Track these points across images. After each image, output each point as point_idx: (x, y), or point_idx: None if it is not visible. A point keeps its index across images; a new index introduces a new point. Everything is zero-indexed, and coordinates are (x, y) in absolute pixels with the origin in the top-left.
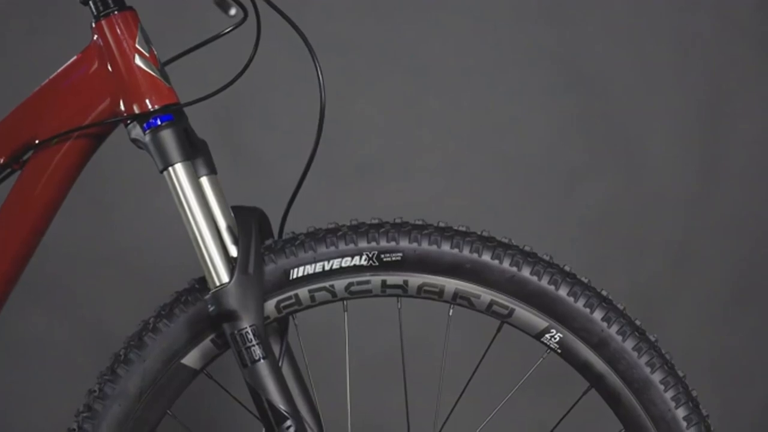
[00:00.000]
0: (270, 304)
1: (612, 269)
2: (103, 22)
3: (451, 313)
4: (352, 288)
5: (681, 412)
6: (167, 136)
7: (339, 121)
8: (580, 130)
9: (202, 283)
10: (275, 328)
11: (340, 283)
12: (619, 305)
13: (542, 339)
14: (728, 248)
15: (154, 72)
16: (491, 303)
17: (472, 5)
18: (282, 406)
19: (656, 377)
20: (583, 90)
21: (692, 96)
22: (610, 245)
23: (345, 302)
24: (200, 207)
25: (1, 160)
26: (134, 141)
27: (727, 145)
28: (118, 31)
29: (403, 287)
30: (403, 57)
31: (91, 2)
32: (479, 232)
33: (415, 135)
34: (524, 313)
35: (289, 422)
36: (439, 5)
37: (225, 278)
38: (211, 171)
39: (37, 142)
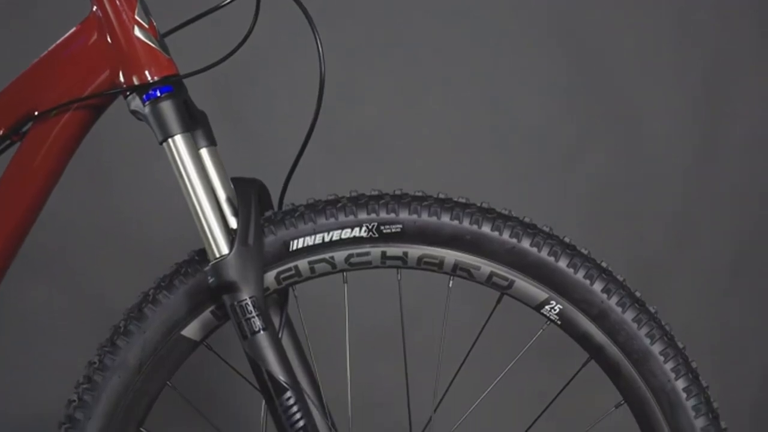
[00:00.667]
0: (270, 276)
1: (612, 241)
2: None
3: (450, 285)
4: (352, 259)
5: (681, 384)
6: (167, 107)
7: (339, 92)
8: (579, 103)
9: (201, 254)
10: (275, 300)
11: (339, 255)
12: (618, 277)
13: (542, 310)
14: (728, 220)
15: (153, 43)
16: (491, 274)
17: None
18: (282, 378)
19: (656, 348)
20: (583, 63)
21: (691, 69)
22: (610, 217)
23: (345, 274)
24: (200, 178)
25: (0, 132)
26: (134, 112)
27: (726, 119)
28: (118, 2)
29: (403, 259)
30: (403, 30)
31: None
32: (479, 204)
33: (415, 107)
34: (524, 285)
35: (288, 393)
36: None
37: (225, 250)
38: (211, 143)
39: (36, 113)
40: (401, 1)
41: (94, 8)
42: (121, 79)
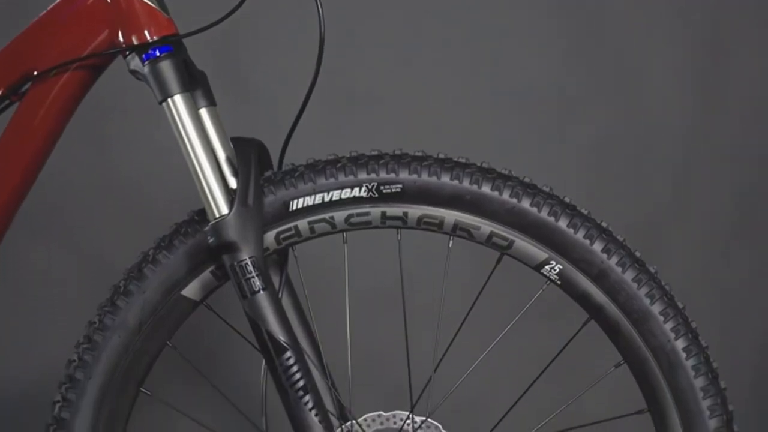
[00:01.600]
0: (269, 236)
1: (612, 201)
2: None
3: (450, 245)
4: (352, 219)
5: (680, 343)
6: (166, 67)
7: (339, 52)
8: (579, 60)
9: (201, 214)
10: (275, 260)
11: (339, 215)
12: (618, 236)
13: (542, 270)
14: (728, 179)
15: (152, 3)
16: (491, 234)
17: None
18: (282, 337)
19: (656, 308)
20: (583, 19)
21: (692, 25)
22: (609, 177)
23: (344, 234)
24: (199, 138)
25: (0, 92)
26: (133, 72)
27: (727, 75)
28: None
29: (403, 219)
30: None
31: None
32: (479, 164)
33: (415, 67)
34: (524, 245)
35: (288, 353)
36: None
37: (224, 210)
38: (211, 102)
39: (35, 73)
40: None
41: None
42: (121, 38)
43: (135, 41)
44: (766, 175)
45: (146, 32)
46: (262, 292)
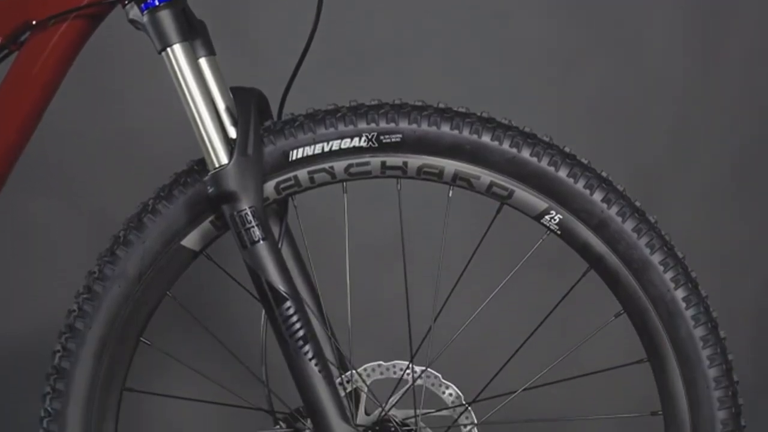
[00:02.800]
0: (269, 186)
1: (612, 151)
2: None
3: (450, 195)
4: (352, 169)
5: (680, 293)
6: (165, 16)
7: (339, 1)
8: (579, 13)
9: (201, 164)
10: (275, 210)
11: (339, 165)
12: (618, 186)
13: (542, 220)
14: (728, 130)
15: None
16: (491, 184)
17: None
18: (281, 287)
19: (655, 258)
20: None
21: None
22: (610, 127)
23: (344, 184)
24: (199, 88)
25: None
26: (132, 22)
27: (728, 27)
28: None
29: (403, 168)
30: None
31: None
32: (479, 113)
33: (415, 18)
34: (524, 195)
35: (288, 303)
36: None
37: (224, 159)
38: (210, 52)
39: (34, 22)
40: None
41: None
42: None
43: None
44: (765, 125)
45: None
46: (261, 242)
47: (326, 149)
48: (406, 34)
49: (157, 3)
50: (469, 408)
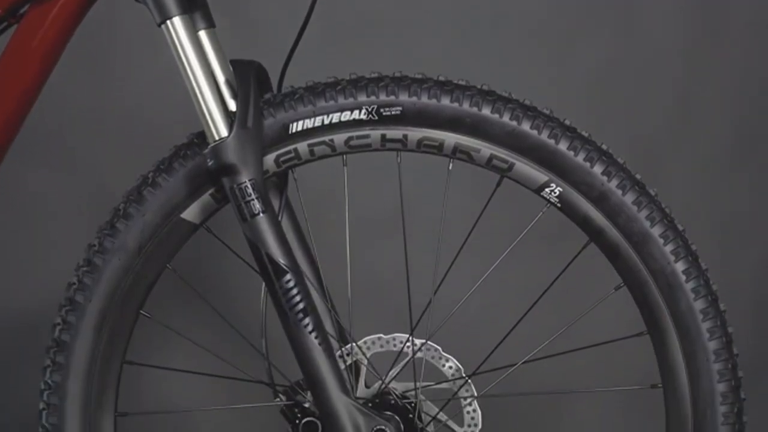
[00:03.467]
0: (269, 159)
1: (612, 124)
2: None
3: (450, 168)
4: (352, 142)
5: (680, 266)
6: None
7: None
8: None
9: (201, 137)
10: (275, 183)
11: (339, 138)
12: (619, 159)
13: (542, 193)
14: (728, 103)
15: None
16: (491, 157)
17: None
18: (281, 260)
19: (656, 231)
20: None
21: None
22: (610, 100)
23: (344, 156)
24: (199, 61)
25: None
26: None
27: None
28: None
29: (403, 141)
30: None
31: None
32: (479, 86)
33: None
34: (524, 167)
35: (288, 276)
36: None
37: (224, 132)
38: (210, 24)
39: None
40: None
41: None
42: None
43: None
44: (765, 98)
45: None
46: (261, 214)
47: (326, 122)
48: (407, 6)
49: None
50: (469, 381)
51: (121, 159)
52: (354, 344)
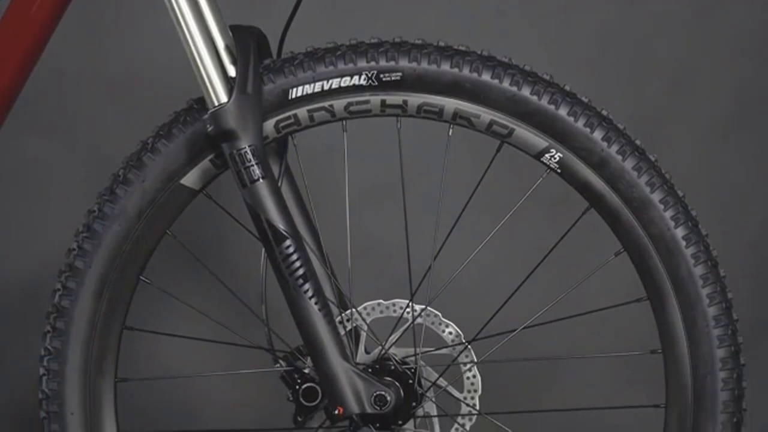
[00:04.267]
0: (269, 124)
1: (612, 89)
2: None
3: (450, 133)
4: (351, 108)
5: (680, 232)
6: None
7: None
8: None
9: (200, 103)
10: (274, 149)
11: (339, 103)
12: (619, 125)
13: (542, 159)
14: (729, 66)
15: None
16: (491, 123)
17: None
18: (281, 226)
19: (656, 197)
20: None
21: None
22: (610, 65)
23: (344, 122)
24: (198, 26)
25: None
26: None
27: None
28: None
29: (403, 107)
30: None
31: None
32: (479, 52)
33: None
34: (524, 133)
35: (288, 242)
36: None
37: (223, 98)
38: None
39: None
40: None
41: None
42: None
43: None
44: (766, 62)
45: None
46: (261, 180)
47: (326, 87)
48: None
49: None
50: (469, 346)
51: (120, 125)
52: (354, 310)
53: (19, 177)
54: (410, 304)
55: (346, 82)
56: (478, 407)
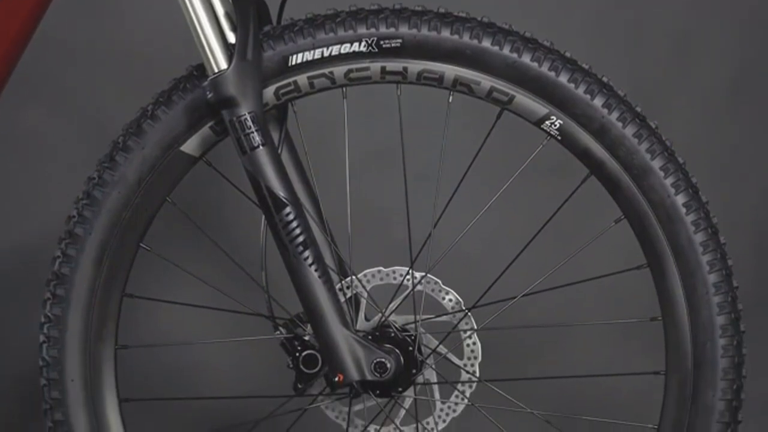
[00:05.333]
0: (269, 91)
1: (613, 56)
2: None
3: (450, 100)
4: (351, 74)
5: (680, 199)
6: None
7: None
8: None
9: (200, 69)
10: (274, 116)
11: (339, 70)
12: (620, 92)
13: (542, 126)
14: (730, 35)
15: None
16: (491, 89)
17: None
18: (281, 193)
19: (656, 164)
20: None
21: None
22: (611, 31)
23: (344, 89)
24: None
25: None
26: None
27: None
28: None
29: (403, 74)
30: None
31: None
32: (479, 18)
33: None
34: (524, 100)
35: (288, 209)
36: None
37: (223, 64)
38: None
39: None
40: None
41: None
42: None
43: None
44: (766, 29)
45: None
46: (261, 147)
47: (326, 54)
48: None
49: None
50: (469, 314)
51: (120, 92)
52: (354, 277)
53: (19, 144)
54: (410, 271)
55: (346, 48)
56: (477, 374)
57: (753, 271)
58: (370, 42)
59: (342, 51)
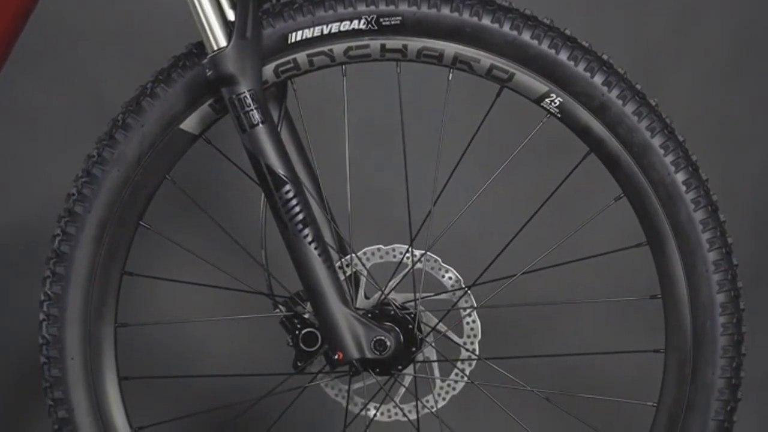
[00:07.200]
0: (268, 69)
1: (613, 34)
2: None
3: (450, 78)
4: (351, 52)
5: (680, 176)
6: None
7: None
8: None
9: (199, 47)
10: (274, 94)
11: (338, 48)
12: (619, 69)
13: (542, 103)
14: (729, 10)
15: None
16: (491, 67)
17: None
18: (281, 171)
19: (656, 141)
20: None
21: None
22: (611, 9)
23: (344, 67)
24: None
25: None
26: None
27: None
28: None
29: (403, 51)
30: None
31: None
32: None
33: None
34: (524, 78)
35: (288, 187)
36: None
37: (222, 42)
38: None
39: None
40: None
41: None
42: None
43: None
44: (766, 6)
45: None
46: (261, 125)
47: (325, 32)
48: None
49: None
50: (469, 291)
51: (119, 69)
52: (353, 255)
53: (19, 122)
54: (410, 249)
55: (345, 26)
56: (477, 352)
57: (753, 249)
58: (369, 19)
59: (341, 28)
